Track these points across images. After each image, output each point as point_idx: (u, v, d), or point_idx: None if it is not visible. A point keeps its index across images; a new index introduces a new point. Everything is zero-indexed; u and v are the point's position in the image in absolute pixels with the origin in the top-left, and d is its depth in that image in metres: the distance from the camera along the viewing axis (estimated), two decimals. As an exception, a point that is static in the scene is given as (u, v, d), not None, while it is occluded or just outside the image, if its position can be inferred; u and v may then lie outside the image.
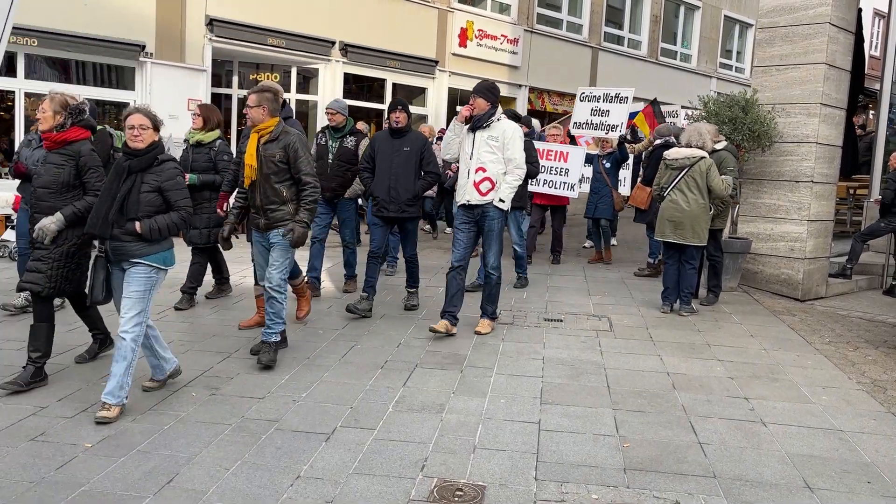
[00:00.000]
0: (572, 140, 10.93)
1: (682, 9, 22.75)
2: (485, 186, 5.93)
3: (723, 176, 7.14)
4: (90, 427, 4.03)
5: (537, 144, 8.98)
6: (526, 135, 7.84)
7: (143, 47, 11.85)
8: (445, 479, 3.57)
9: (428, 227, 12.10)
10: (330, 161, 7.20)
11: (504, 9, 17.98)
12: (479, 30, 17.15)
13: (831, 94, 8.20)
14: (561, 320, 6.79)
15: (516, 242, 8.27)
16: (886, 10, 11.84)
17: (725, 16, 23.96)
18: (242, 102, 10.17)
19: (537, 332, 6.34)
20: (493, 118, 5.95)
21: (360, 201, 7.94)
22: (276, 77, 15.04)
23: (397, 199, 6.54)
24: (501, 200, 5.94)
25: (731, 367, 5.58)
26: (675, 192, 7.09)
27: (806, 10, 8.16)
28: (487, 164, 5.91)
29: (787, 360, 5.82)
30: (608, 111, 10.25)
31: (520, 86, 18.26)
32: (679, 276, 7.26)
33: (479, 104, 5.91)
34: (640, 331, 6.53)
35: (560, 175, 9.65)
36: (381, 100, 16.02)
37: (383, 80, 15.91)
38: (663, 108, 15.26)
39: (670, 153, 7.27)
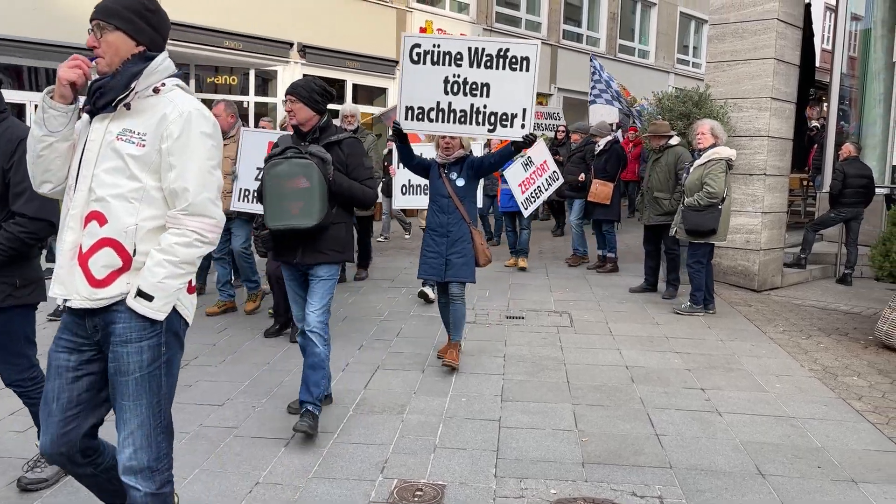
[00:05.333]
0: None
1: (638, 5, 23.07)
2: (103, 263, 2.36)
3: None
4: (44, 441, 3.96)
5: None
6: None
7: (96, 51, 11.64)
8: (406, 479, 3.59)
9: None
10: None
11: (463, 8, 18.06)
12: (438, 29, 17.17)
13: (781, 88, 8.38)
14: (522, 317, 6.84)
15: (314, 329, 4.15)
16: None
17: (681, 12, 24.35)
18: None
19: (499, 330, 6.38)
20: (137, 81, 2.39)
21: None
22: (234, 80, 14.92)
23: None
24: (144, 297, 2.35)
25: (688, 358, 5.68)
26: (730, 192, 7.08)
27: (754, 7, 8.33)
28: (111, 205, 2.36)
29: (743, 350, 5.94)
30: (486, 85, 5.12)
31: (480, 84, 18.33)
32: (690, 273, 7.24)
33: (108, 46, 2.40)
34: (599, 325, 6.61)
35: None
36: (341, 101, 15.95)
37: (343, 81, 15.86)
38: (547, 109, 15.31)
39: (734, 154, 6.99)
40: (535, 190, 8.65)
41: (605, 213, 9.28)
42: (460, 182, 5.31)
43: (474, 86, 5.14)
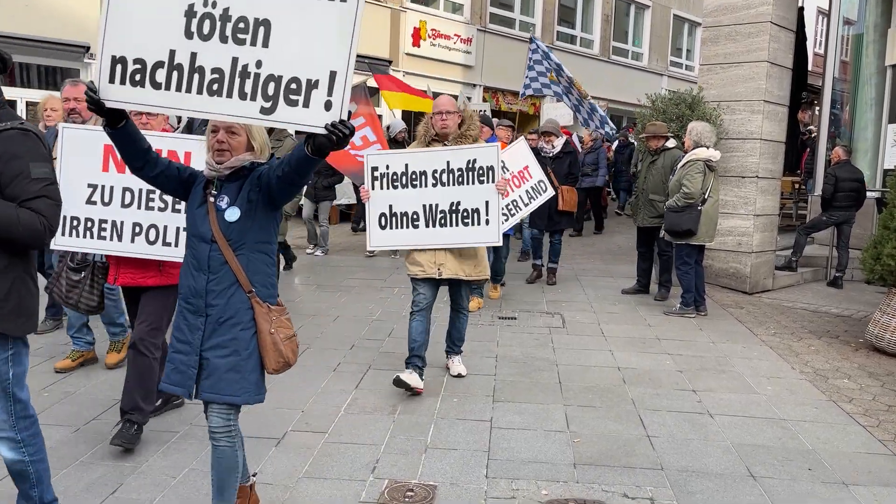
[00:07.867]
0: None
1: (632, 8, 23.13)
2: None
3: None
4: (32, 439, 3.93)
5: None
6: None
7: (88, 48, 11.59)
8: (396, 479, 3.57)
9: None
10: None
11: (457, 8, 18.06)
12: (432, 29, 17.18)
13: (773, 91, 8.40)
14: (515, 318, 6.84)
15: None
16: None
17: (675, 15, 24.41)
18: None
19: (491, 331, 6.37)
20: None
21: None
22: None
23: None
24: None
25: (679, 360, 5.68)
26: (715, 193, 7.07)
27: (748, 10, 8.35)
28: None
29: (734, 352, 5.95)
30: (265, 25, 2.62)
31: (474, 85, 18.36)
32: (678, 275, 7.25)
33: None
34: (592, 326, 6.61)
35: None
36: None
37: (337, 81, 15.80)
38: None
39: (716, 156, 7.02)
40: (507, 205, 6.28)
41: (570, 222, 9.05)
42: (232, 215, 2.79)
43: (242, 24, 2.64)
